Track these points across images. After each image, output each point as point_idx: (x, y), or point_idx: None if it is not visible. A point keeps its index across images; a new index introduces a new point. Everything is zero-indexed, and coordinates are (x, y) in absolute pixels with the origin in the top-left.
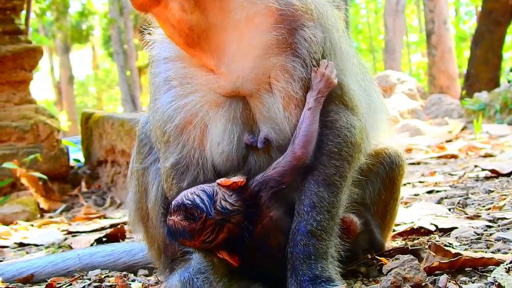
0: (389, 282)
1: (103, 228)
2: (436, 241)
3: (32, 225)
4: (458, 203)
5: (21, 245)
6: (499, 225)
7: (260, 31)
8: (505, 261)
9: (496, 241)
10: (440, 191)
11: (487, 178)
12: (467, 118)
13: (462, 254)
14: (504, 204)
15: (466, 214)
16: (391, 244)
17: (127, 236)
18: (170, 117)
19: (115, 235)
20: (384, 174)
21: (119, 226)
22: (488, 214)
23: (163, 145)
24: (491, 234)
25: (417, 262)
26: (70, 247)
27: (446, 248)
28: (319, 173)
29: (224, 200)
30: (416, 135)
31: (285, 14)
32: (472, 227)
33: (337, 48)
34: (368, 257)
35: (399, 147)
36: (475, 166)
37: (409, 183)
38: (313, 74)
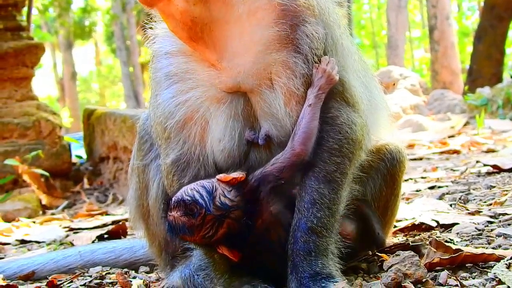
0: (390, 278)
1: (105, 225)
2: (437, 237)
3: (34, 222)
4: (460, 199)
5: (23, 242)
6: (500, 221)
7: (262, 26)
8: (506, 257)
9: (497, 237)
10: (442, 187)
11: (489, 174)
12: (470, 114)
13: (463, 250)
14: (506, 200)
15: (468, 210)
16: (392, 240)
17: (129, 233)
18: (171, 113)
19: (117, 232)
20: (385, 170)
21: (121, 223)
22: (489, 210)
23: (164, 141)
24: (492, 230)
25: (418, 258)
26: (72, 244)
27: (447, 244)
28: (320, 170)
29: (224, 196)
30: (419, 131)
31: (287, 10)
32: (473, 223)
33: (339, 45)
34: (369, 254)
35: (400, 143)
36: (477, 162)
37: (411, 179)
38: (314, 71)
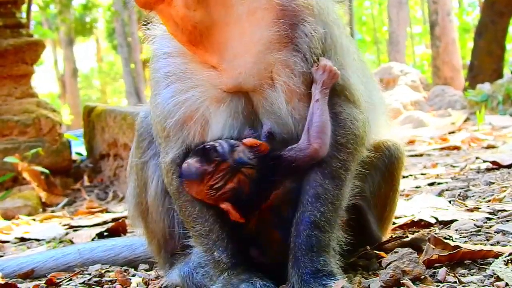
0: (388, 275)
1: (105, 222)
2: (436, 234)
3: (34, 220)
4: (459, 195)
5: (22, 240)
6: (499, 217)
7: (261, 26)
8: (504, 254)
9: (496, 234)
10: (442, 183)
11: (488, 170)
12: (470, 110)
13: (461, 247)
14: (504, 196)
15: (466, 207)
16: (392, 237)
17: (128, 230)
18: (170, 112)
19: (117, 229)
20: (383, 167)
21: (121, 221)
22: (488, 206)
23: (163, 140)
24: (491, 227)
25: (416, 255)
26: (72, 242)
27: (446, 241)
28: (326, 165)
29: (243, 153)
30: (419, 127)
31: (286, 9)
32: (472, 220)
33: (338, 44)
34: (367, 249)
35: (399, 140)
36: (477, 158)
37: (411, 175)
38: (315, 68)
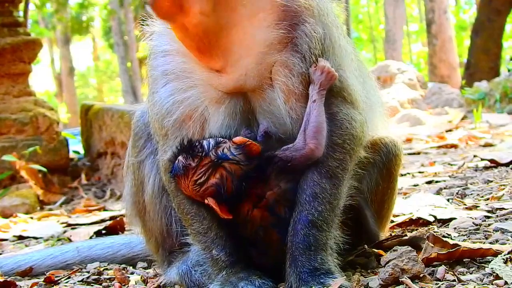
0: (387, 274)
1: (103, 221)
2: (435, 232)
3: (32, 218)
4: (457, 194)
5: (20, 238)
6: (498, 216)
7: (263, 27)
8: (503, 252)
9: (494, 232)
10: (440, 182)
11: (486, 168)
12: (467, 108)
13: (460, 245)
14: (503, 194)
15: (465, 205)
16: (391, 235)
17: (127, 228)
18: (169, 111)
19: (115, 228)
20: (381, 164)
21: (118, 219)
22: (487, 205)
23: (161, 138)
24: (490, 225)
25: (415, 254)
26: (69, 240)
27: (444, 239)
28: (323, 165)
29: (227, 149)
30: (416, 125)
31: (288, 10)
32: (471, 218)
33: (336, 45)
34: (365, 248)
35: (396, 137)
36: (474, 156)
37: (409, 174)
38: (313, 69)
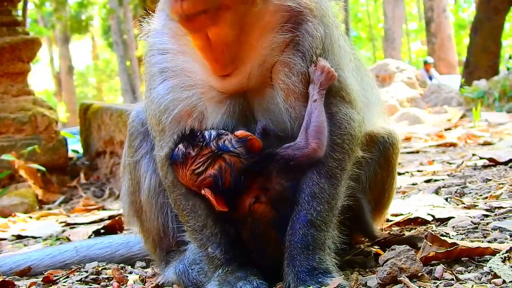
0: (386, 273)
1: (102, 220)
2: (433, 231)
3: (31, 217)
4: (456, 192)
5: (19, 238)
6: (496, 214)
7: (268, 29)
8: (501, 251)
9: (493, 230)
10: (438, 180)
11: (485, 167)
12: (466, 106)
13: (459, 244)
14: (501, 193)
15: (463, 204)
16: (389, 234)
17: (125, 228)
18: (167, 108)
19: (113, 227)
20: (379, 153)
21: (117, 218)
22: (485, 203)
23: (158, 134)
24: (488, 223)
25: (413, 253)
26: (68, 239)
27: (443, 238)
28: (322, 165)
29: (229, 142)
30: (415, 124)
31: (292, 10)
32: (469, 217)
33: (336, 45)
34: (362, 247)
35: (392, 128)
36: (473, 155)
37: (408, 172)
38: (313, 68)
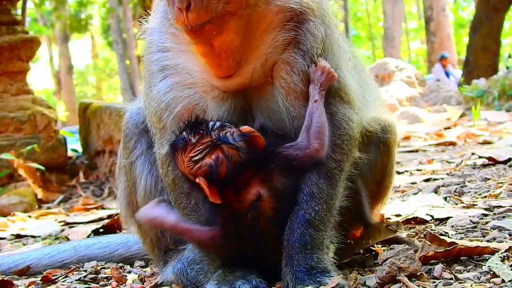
0: (385, 272)
1: (101, 219)
2: (432, 230)
3: (30, 216)
4: (455, 191)
5: (18, 237)
6: (495, 214)
7: (271, 30)
8: (500, 250)
9: (492, 230)
10: (437, 179)
11: (484, 166)
12: (466, 105)
13: (457, 243)
14: (500, 192)
15: (463, 203)
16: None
17: (124, 227)
18: (168, 105)
19: (112, 226)
20: (377, 139)
21: (116, 217)
22: (484, 203)
23: (159, 131)
24: (487, 223)
25: (412, 252)
26: (67, 239)
27: (442, 237)
28: (322, 165)
29: (230, 134)
30: (415, 122)
31: (293, 11)
32: (468, 216)
33: (335, 45)
34: (361, 247)
35: (389, 116)
36: (473, 154)
37: (407, 171)
38: (313, 69)
